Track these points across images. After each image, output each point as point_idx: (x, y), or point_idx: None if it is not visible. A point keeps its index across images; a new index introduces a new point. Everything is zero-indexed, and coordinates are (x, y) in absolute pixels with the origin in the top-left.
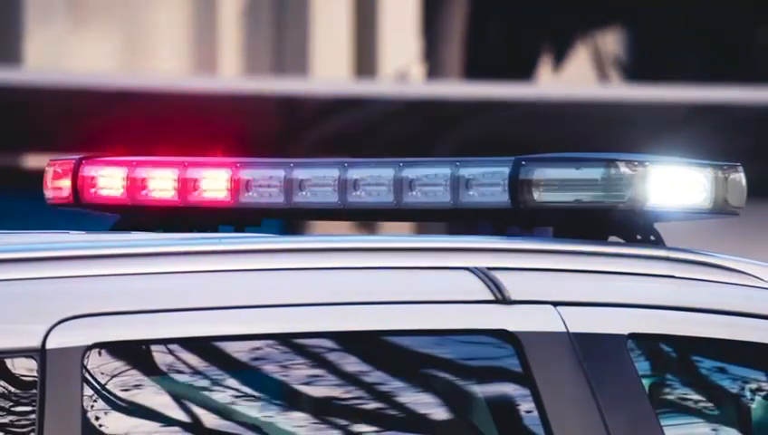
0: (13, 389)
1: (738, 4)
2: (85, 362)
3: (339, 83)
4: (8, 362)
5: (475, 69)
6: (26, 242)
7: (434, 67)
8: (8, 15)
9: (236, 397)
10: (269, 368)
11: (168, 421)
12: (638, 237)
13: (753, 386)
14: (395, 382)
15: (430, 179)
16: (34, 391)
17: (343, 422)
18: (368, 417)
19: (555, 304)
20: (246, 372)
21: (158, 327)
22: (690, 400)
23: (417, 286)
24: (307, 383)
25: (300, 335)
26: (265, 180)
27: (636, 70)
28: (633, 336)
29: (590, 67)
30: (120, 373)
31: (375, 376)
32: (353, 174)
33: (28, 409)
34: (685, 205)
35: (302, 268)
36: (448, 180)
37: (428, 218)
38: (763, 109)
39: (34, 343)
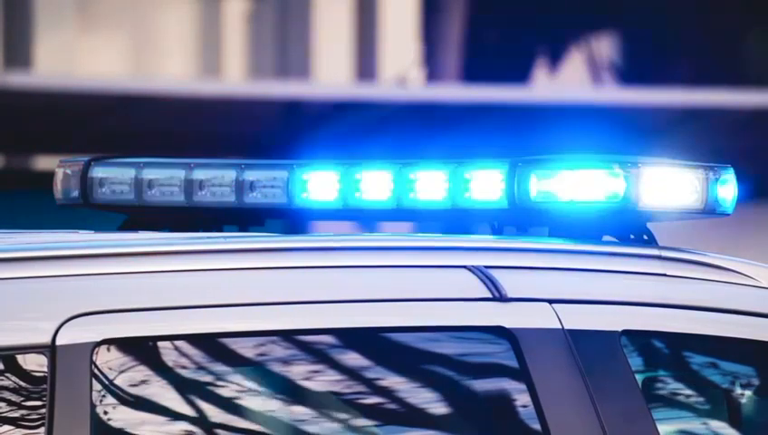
0: (23, 384)
1: (729, 10)
2: (94, 359)
3: (340, 87)
4: (19, 358)
5: (472, 72)
6: (37, 241)
7: (432, 71)
8: (18, 21)
9: (243, 393)
10: (273, 364)
11: (175, 417)
12: (632, 237)
13: (744, 381)
14: (394, 378)
15: (429, 180)
16: (44, 386)
17: (344, 416)
18: (368, 411)
19: (551, 301)
20: (251, 368)
21: (166, 324)
22: (682, 395)
23: (417, 284)
24: (310, 379)
25: (303, 332)
26: (269, 181)
27: (629, 73)
28: (626, 333)
29: (584, 71)
30: (128, 369)
31: (375, 372)
32: (354, 175)
33: (38, 404)
34: (677, 205)
35: (304, 267)
36: (447, 181)
37: (427, 218)
38: (753, 112)
39: (45, 339)
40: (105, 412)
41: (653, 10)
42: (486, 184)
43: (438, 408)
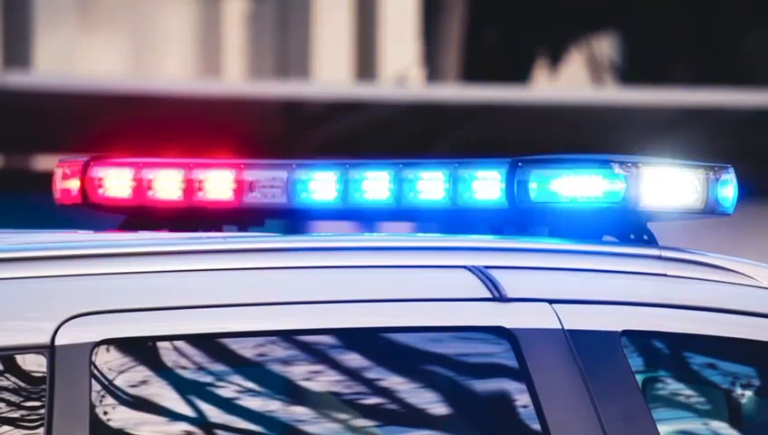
0: (22, 384)
1: (728, 10)
2: (93, 359)
3: (340, 87)
4: (18, 358)
5: (472, 72)
6: (36, 241)
7: (433, 71)
8: (18, 21)
9: (242, 393)
10: (272, 364)
11: (175, 417)
12: (632, 237)
13: (744, 382)
14: (394, 378)
15: (429, 180)
16: (43, 386)
17: (343, 417)
18: (368, 411)
19: (551, 301)
20: (250, 369)
21: (165, 324)
22: (682, 395)
23: (416, 284)
24: (310, 379)
25: (302, 332)
26: (269, 181)
27: (629, 73)
28: (627, 333)
29: (584, 71)
30: (127, 369)
31: (375, 372)
32: (354, 175)
33: (37, 404)
34: (677, 205)
35: (304, 267)
36: (447, 181)
37: (427, 218)
38: (752, 111)
39: (44, 339)
40: (104, 413)
41: (653, 10)
42: (486, 184)
43: (438, 408)
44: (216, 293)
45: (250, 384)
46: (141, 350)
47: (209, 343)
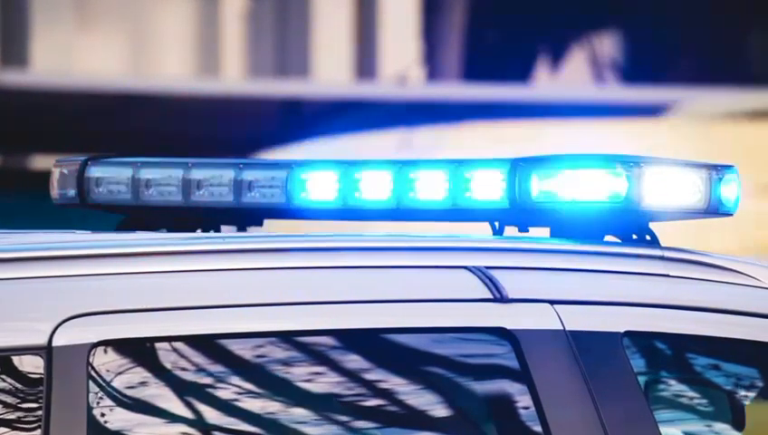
0: (19, 386)
1: (732, 8)
2: (91, 360)
3: (340, 86)
4: (15, 359)
5: (473, 71)
6: (33, 241)
7: (433, 70)
8: (15, 19)
9: (241, 395)
10: (271, 365)
11: (172, 419)
12: (634, 237)
13: (747, 383)
14: (395, 379)
15: (429, 180)
16: (41, 388)
17: (343, 418)
18: (368, 413)
19: (552, 302)
20: (249, 370)
21: (163, 325)
22: (684, 396)
23: (417, 285)
24: (309, 380)
25: (301, 333)
26: (267, 181)
27: (631, 72)
28: (629, 334)
29: (586, 69)
30: (125, 371)
31: (375, 373)
32: (354, 174)
33: (34, 405)
34: (680, 205)
35: (303, 267)
36: (447, 181)
37: (427, 218)
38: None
39: (41, 340)
40: (102, 414)
41: (655, 8)
42: (487, 184)
43: (439, 410)
44: (215, 293)
45: (248, 386)
46: (139, 351)
47: (207, 344)
